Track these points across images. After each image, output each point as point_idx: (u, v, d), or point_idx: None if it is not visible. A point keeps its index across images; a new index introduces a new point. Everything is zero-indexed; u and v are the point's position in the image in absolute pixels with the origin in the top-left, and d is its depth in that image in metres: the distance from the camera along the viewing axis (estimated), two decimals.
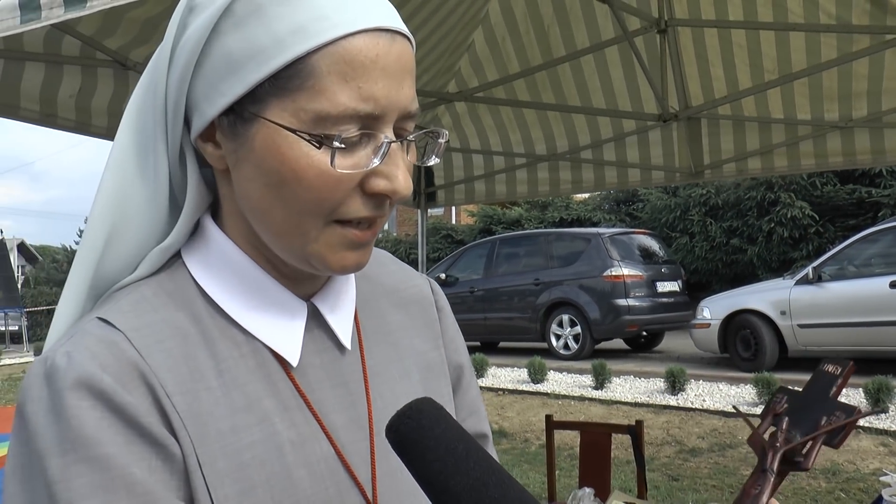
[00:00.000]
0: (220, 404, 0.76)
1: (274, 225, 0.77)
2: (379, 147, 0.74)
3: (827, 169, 4.71)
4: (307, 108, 0.72)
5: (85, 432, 0.69)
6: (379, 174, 0.75)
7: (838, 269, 9.91)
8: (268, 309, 0.82)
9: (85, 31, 2.88)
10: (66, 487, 0.67)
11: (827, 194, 15.23)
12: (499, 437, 8.14)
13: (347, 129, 0.73)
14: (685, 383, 9.25)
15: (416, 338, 0.97)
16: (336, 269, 0.79)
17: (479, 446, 0.70)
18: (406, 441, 0.70)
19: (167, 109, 0.80)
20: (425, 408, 0.71)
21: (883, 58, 3.79)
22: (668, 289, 12.75)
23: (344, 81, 0.71)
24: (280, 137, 0.73)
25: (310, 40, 0.71)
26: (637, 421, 3.48)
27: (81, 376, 0.70)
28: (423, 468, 0.69)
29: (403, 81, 0.75)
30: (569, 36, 4.17)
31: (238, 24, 0.73)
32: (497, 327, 13.51)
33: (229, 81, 0.74)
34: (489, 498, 0.66)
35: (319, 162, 0.73)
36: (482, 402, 1.07)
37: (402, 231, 26.26)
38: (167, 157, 0.81)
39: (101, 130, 3.25)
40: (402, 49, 0.75)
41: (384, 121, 0.74)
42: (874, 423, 7.33)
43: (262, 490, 0.75)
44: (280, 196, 0.75)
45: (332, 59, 0.71)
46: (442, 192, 5.32)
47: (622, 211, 19.82)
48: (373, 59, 0.72)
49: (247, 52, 0.73)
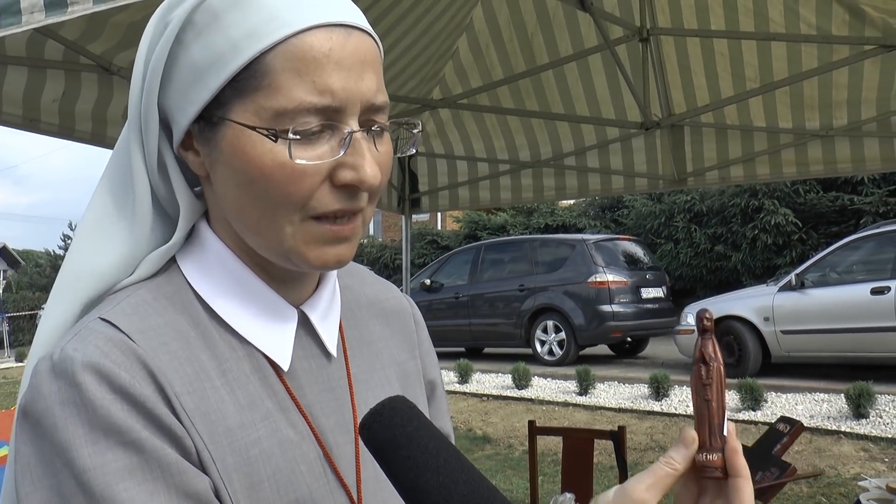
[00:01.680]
0: (226, 402, 0.78)
1: (251, 224, 0.79)
2: (343, 139, 0.76)
3: (808, 177, 4.75)
4: (266, 106, 0.75)
5: (114, 420, 0.70)
6: (345, 165, 0.77)
7: (821, 276, 9.98)
8: (261, 315, 0.84)
9: (68, 35, 2.87)
10: (101, 473, 0.68)
11: (810, 201, 15.33)
12: (482, 442, 8.14)
13: (306, 123, 0.75)
14: (669, 389, 9.28)
15: (396, 348, 0.99)
16: (316, 264, 0.80)
17: (450, 444, 0.72)
18: (378, 438, 0.71)
19: (141, 125, 0.83)
20: (398, 406, 0.73)
21: (862, 68, 3.83)
22: (653, 295, 12.79)
23: (298, 77, 0.74)
24: (244, 137, 0.76)
25: (262, 41, 0.74)
26: (619, 426, 3.49)
27: (99, 369, 0.71)
28: (394, 465, 0.70)
29: (363, 74, 0.77)
30: (552, 44, 4.19)
31: (199, 33, 0.77)
32: (481, 333, 13.51)
33: (196, 89, 0.78)
34: (458, 495, 0.67)
35: (280, 156, 0.75)
36: (450, 419, 1.09)
37: (388, 236, 26.24)
38: (145, 168, 0.83)
39: (86, 135, 3.24)
40: (359, 43, 0.77)
41: (346, 113, 0.76)
42: (855, 428, 7.39)
43: (268, 484, 0.77)
44: (251, 194, 0.77)
45: (285, 57, 0.74)
46: (426, 198, 5.32)
47: (607, 217, 19.88)
48: (325, 54, 0.74)
49: (208, 59, 0.76)
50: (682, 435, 0.75)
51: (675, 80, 4.27)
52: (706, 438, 0.75)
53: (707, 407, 0.75)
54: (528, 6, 4.06)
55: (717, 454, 0.74)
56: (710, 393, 0.75)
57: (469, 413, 9.31)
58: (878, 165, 4.31)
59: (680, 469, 0.74)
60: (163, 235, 0.85)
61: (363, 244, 23.72)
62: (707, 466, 0.74)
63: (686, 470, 0.74)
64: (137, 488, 0.69)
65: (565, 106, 4.50)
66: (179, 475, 0.71)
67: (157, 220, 0.85)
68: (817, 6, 3.61)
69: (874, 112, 4.03)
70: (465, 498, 0.67)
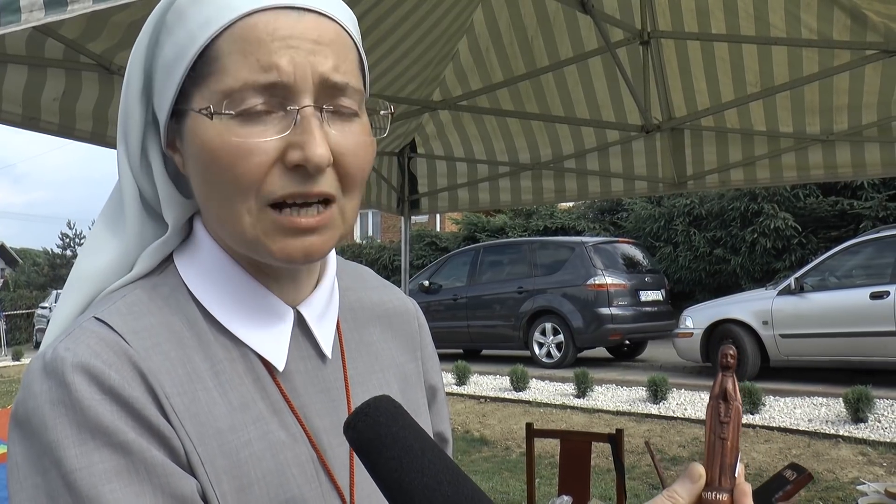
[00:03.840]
0: (218, 404, 0.77)
1: (216, 214, 0.79)
2: (293, 119, 0.75)
3: (809, 181, 4.75)
4: (216, 90, 0.76)
5: (102, 422, 0.70)
6: (294, 145, 0.75)
7: (820, 280, 9.98)
8: (255, 315, 0.83)
9: (68, 34, 2.87)
10: (88, 474, 0.68)
11: (810, 206, 15.35)
12: (480, 444, 8.14)
13: (251, 102, 0.75)
14: (667, 392, 9.28)
15: (396, 350, 0.98)
16: (280, 257, 0.78)
17: (434, 444, 0.71)
18: (363, 438, 0.70)
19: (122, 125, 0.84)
20: (383, 406, 0.72)
21: (863, 72, 3.83)
22: (652, 298, 12.79)
23: (243, 57, 0.75)
24: (197, 123, 0.77)
25: (213, 26, 0.76)
26: (617, 429, 3.49)
27: (89, 370, 0.71)
28: (378, 465, 0.70)
29: (316, 53, 0.76)
30: (552, 46, 4.18)
31: (169, 32, 0.79)
32: (480, 335, 13.51)
33: (167, 85, 0.79)
34: (442, 495, 0.67)
35: (225, 135, 0.75)
36: (450, 426, 1.08)
37: (387, 238, 26.24)
38: (129, 169, 0.85)
39: (86, 134, 3.23)
40: (314, 24, 0.77)
41: (296, 90, 0.75)
42: (854, 432, 7.38)
43: (258, 487, 0.77)
44: (208, 181, 0.78)
45: (232, 39, 0.75)
46: (425, 200, 5.32)
47: (606, 220, 19.89)
48: (270, 33, 0.75)
49: (174, 54, 0.78)
50: (688, 470, 0.73)
51: (676, 83, 4.27)
52: (715, 477, 0.73)
53: (722, 445, 0.73)
54: (529, 9, 4.06)
55: (726, 494, 0.72)
56: (727, 432, 0.73)
57: (467, 415, 9.31)
58: (878, 170, 4.31)
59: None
60: (154, 234, 0.85)
61: (362, 245, 23.72)
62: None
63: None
64: (124, 490, 0.69)
65: (565, 108, 4.50)
66: (166, 477, 0.71)
67: (147, 218, 0.85)
68: (819, 11, 3.60)
69: (875, 117, 4.02)
70: (449, 499, 0.67)
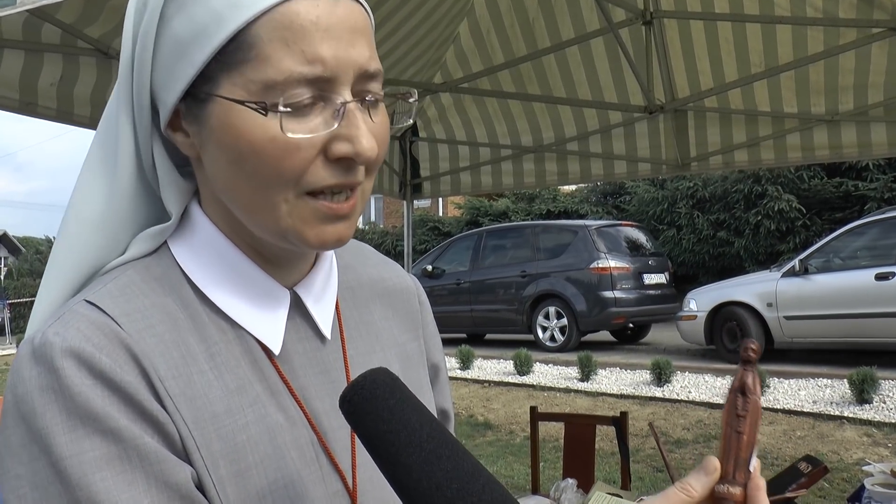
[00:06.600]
0: (214, 387, 0.76)
1: (245, 203, 0.77)
2: (337, 111, 0.73)
3: (813, 162, 4.71)
4: (255, 79, 0.72)
5: (92, 408, 0.68)
6: (340, 138, 0.74)
7: (824, 262, 9.96)
8: (251, 297, 0.81)
9: (65, 18, 2.84)
10: (78, 461, 0.67)
11: (814, 187, 15.30)
12: (484, 428, 8.15)
13: (297, 94, 0.72)
14: (671, 375, 9.29)
15: (397, 328, 0.97)
16: (315, 244, 0.77)
17: (433, 418, 0.69)
18: (359, 411, 0.68)
19: (133, 103, 0.80)
20: (380, 378, 0.70)
21: (869, 51, 3.79)
22: (655, 281, 12.78)
23: (286, 47, 0.71)
24: (233, 112, 0.73)
25: (246, 11, 0.71)
26: (622, 412, 3.48)
27: (79, 354, 0.70)
28: (375, 439, 0.67)
29: (354, 41, 0.74)
30: (554, 27, 4.15)
31: (180, 7, 0.74)
32: (483, 319, 13.52)
33: (181, 65, 0.75)
34: (441, 470, 0.65)
35: (271, 130, 0.72)
36: (451, 401, 1.07)
37: (389, 223, 26.23)
38: (135, 149, 0.81)
39: (84, 120, 3.21)
40: (348, 9, 0.74)
41: (338, 83, 0.73)
42: (858, 413, 7.38)
43: (255, 471, 0.75)
44: (243, 171, 0.74)
45: (272, 26, 0.71)
46: (427, 184, 5.30)
47: (609, 203, 19.85)
48: (313, 22, 0.71)
49: (191, 33, 0.74)
50: (704, 463, 0.72)
51: (679, 64, 4.23)
52: (730, 470, 0.72)
53: (738, 439, 0.73)
54: None
55: (739, 488, 0.71)
56: (744, 426, 0.73)
57: (470, 399, 9.32)
58: (884, 150, 4.27)
59: (696, 497, 0.70)
60: (147, 217, 0.83)
61: (364, 230, 23.73)
62: (727, 499, 0.72)
63: (702, 498, 0.71)
64: (115, 478, 0.67)
65: (567, 90, 4.47)
66: (159, 464, 0.70)
67: (142, 200, 0.83)
68: None
69: (881, 97, 3.98)
70: (449, 474, 0.65)
